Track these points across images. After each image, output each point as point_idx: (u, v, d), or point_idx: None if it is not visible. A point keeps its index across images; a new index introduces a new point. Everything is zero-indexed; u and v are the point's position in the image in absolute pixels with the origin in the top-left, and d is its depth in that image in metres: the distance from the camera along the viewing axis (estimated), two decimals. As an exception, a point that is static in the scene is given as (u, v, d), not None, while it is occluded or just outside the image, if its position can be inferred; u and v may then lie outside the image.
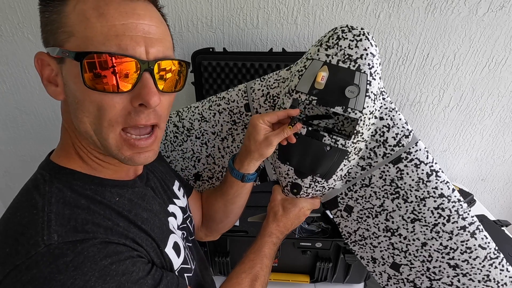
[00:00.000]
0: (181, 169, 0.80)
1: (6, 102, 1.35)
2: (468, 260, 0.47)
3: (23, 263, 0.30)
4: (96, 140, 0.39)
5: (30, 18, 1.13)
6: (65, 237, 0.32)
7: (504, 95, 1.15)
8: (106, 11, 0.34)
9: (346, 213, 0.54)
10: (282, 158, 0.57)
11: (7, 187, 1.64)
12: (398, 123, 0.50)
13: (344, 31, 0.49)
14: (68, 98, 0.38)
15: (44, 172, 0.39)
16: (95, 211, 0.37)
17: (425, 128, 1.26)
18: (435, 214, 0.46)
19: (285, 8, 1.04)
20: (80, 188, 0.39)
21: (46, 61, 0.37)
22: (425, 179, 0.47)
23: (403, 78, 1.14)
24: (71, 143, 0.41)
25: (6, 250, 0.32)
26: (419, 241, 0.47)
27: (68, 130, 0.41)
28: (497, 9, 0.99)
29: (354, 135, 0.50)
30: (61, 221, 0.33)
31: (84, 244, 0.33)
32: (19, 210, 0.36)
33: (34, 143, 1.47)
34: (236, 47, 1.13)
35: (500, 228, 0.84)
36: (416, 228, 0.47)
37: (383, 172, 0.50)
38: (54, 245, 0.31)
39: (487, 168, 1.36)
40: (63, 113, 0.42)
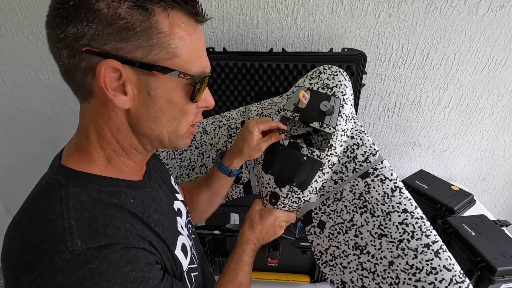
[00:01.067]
0: (176, 177, 0.84)
1: (6, 102, 1.35)
2: (435, 283, 0.47)
3: (48, 270, 0.30)
4: (165, 140, 0.44)
5: (30, 18, 1.13)
6: (89, 243, 0.33)
7: (504, 95, 1.15)
8: (194, 36, 0.39)
9: (319, 229, 0.59)
10: (266, 168, 0.65)
11: (7, 187, 1.64)
12: (366, 143, 0.58)
13: (325, 68, 0.63)
14: (142, 107, 0.39)
15: (58, 177, 0.38)
16: (112, 214, 0.38)
17: (425, 128, 1.26)
18: (399, 229, 0.50)
19: (285, 8, 1.04)
20: (96, 191, 0.39)
21: (116, 69, 0.35)
22: (390, 193, 0.53)
23: (403, 78, 1.14)
24: (98, 146, 0.41)
25: (27, 257, 0.32)
26: (386, 260, 0.50)
27: (97, 134, 0.41)
28: (497, 9, 0.99)
29: (328, 148, 0.58)
30: (82, 226, 0.34)
31: (108, 250, 0.33)
32: (35, 216, 0.35)
33: (34, 143, 1.47)
34: (236, 47, 1.13)
35: (500, 228, 0.84)
36: (383, 245, 0.51)
37: (353, 186, 0.57)
38: (79, 252, 0.32)
39: (487, 168, 1.36)
40: (93, 119, 0.40)
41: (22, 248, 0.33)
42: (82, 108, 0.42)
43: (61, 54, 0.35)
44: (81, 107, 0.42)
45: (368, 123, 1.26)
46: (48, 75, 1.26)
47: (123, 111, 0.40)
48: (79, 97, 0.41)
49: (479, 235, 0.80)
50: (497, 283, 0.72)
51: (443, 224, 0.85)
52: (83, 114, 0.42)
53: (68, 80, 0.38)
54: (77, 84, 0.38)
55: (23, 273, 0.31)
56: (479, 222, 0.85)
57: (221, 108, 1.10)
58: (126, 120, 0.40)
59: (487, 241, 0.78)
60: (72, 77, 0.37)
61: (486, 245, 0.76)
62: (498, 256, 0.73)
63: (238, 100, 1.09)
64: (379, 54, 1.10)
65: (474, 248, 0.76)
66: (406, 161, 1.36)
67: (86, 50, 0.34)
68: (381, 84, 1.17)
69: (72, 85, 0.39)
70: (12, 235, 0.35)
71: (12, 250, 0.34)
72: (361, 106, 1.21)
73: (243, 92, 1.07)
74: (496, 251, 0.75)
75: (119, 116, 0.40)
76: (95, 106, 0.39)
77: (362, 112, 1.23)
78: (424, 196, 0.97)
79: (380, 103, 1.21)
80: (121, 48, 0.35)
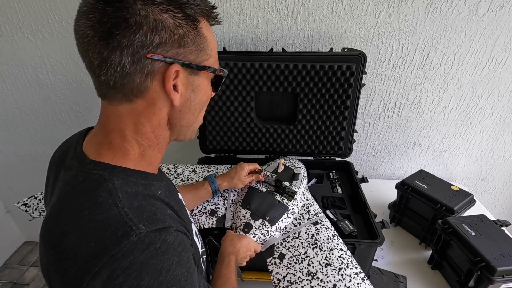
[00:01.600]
0: None
1: (6, 102, 1.35)
2: None
3: (119, 252, 0.34)
4: (193, 129, 0.51)
5: (30, 18, 1.13)
6: (150, 226, 0.37)
7: (504, 95, 1.15)
8: (214, 37, 0.46)
9: (279, 260, 0.74)
10: (245, 204, 0.85)
11: (7, 187, 1.64)
12: (315, 205, 0.87)
13: (290, 159, 1.03)
14: (187, 102, 0.45)
15: (100, 172, 0.40)
16: (153, 203, 0.42)
17: (425, 128, 1.26)
18: (339, 260, 0.71)
19: (285, 8, 1.05)
20: (134, 184, 0.42)
21: (177, 72, 0.41)
22: (331, 237, 0.77)
23: (403, 78, 1.14)
24: (134, 142, 0.44)
25: (91, 244, 0.34)
26: (331, 283, 0.67)
27: (135, 131, 0.43)
28: (497, 9, 0.99)
29: (293, 199, 0.85)
30: (136, 213, 0.37)
31: (165, 232, 0.38)
32: (86, 209, 0.37)
33: (34, 143, 1.47)
34: (236, 47, 1.13)
35: (500, 228, 0.84)
36: (328, 272, 0.69)
37: (307, 229, 0.80)
38: (144, 234, 0.35)
39: (487, 168, 1.36)
40: (133, 117, 0.42)
41: (83, 238, 0.35)
42: (115, 109, 0.42)
43: (122, 59, 0.37)
44: (112, 108, 0.42)
45: (368, 123, 1.26)
46: (48, 75, 1.26)
47: (167, 108, 0.44)
48: (120, 98, 0.41)
49: (479, 235, 0.80)
50: (497, 283, 0.72)
51: (443, 224, 0.85)
52: (118, 114, 0.42)
53: (119, 83, 0.39)
54: (129, 86, 0.40)
55: (91, 259, 0.34)
56: (479, 222, 0.85)
57: (221, 108, 1.10)
58: (167, 116, 0.45)
59: (487, 241, 0.78)
60: (129, 81, 0.39)
61: (486, 245, 0.76)
62: (498, 256, 0.74)
63: (238, 100, 1.09)
64: (379, 54, 1.10)
65: (474, 248, 0.76)
66: (406, 161, 1.36)
67: (150, 57, 0.38)
68: (381, 84, 1.17)
69: (121, 87, 0.40)
70: (62, 230, 0.37)
71: (70, 242, 0.36)
72: (361, 106, 1.21)
73: (243, 92, 1.07)
74: (496, 251, 0.75)
75: (163, 112, 0.44)
76: (140, 106, 0.42)
77: (362, 112, 1.23)
78: (424, 196, 0.96)
79: (380, 103, 1.21)
80: (179, 54, 0.40)
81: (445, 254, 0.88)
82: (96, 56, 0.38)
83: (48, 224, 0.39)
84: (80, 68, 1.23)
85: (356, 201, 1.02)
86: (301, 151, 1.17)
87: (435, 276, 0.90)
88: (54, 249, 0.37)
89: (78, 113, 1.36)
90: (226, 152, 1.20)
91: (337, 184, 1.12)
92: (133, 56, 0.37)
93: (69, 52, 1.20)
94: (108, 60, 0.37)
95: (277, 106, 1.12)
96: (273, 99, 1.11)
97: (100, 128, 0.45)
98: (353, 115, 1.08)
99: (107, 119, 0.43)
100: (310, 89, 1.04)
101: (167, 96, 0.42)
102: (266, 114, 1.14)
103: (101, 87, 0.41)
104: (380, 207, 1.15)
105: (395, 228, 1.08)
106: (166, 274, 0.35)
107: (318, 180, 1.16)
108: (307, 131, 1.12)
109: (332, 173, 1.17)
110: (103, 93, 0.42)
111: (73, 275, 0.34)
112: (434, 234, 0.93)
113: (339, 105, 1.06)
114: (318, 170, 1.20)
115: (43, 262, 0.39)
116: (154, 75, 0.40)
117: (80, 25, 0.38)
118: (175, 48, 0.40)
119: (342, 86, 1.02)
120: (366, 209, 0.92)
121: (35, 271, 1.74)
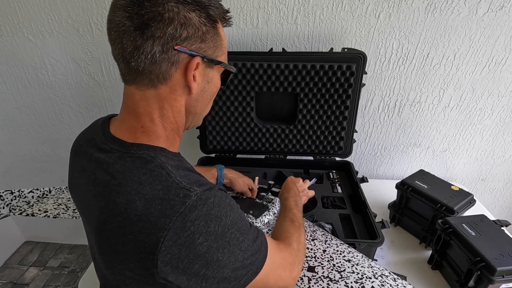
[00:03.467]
0: None
1: (6, 102, 1.35)
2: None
3: (185, 209, 0.41)
4: (203, 116, 0.58)
5: (30, 18, 1.13)
6: (201, 187, 0.44)
7: (504, 95, 1.15)
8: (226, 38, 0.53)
9: None
10: None
11: (7, 187, 1.64)
12: None
13: None
14: (201, 92, 0.51)
15: (145, 151, 0.46)
16: (191, 173, 0.47)
17: (425, 128, 1.26)
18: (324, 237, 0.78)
19: (285, 8, 1.05)
20: (172, 160, 0.48)
21: (197, 63, 0.47)
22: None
23: (403, 78, 1.14)
24: (161, 126, 0.50)
25: (159, 207, 0.41)
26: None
27: (160, 116, 0.49)
28: (497, 9, 0.99)
29: (271, 203, 0.91)
30: (187, 180, 0.44)
31: (214, 190, 0.45)
32: (145, 181, 0.43)
33: (34, 143, 1.47)
34: (236, 47, 1.13)
35: (500, 228, 0.84)
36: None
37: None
38: (200, 193, 0.43)
39: (487, 168, 1.36)
40: (158, 102, 0.48)
41: (150, 203, 0.41)
42: (142, 94, 0.48)
43: (153, 48, 0.43)
44: (141, 93, 0.48)
45: (368, 123, 1.26)
46: (48, 75, 1.26)
47: (185, 96, 0.50)
48: (146, 84, 0.46)
49: (479, 235, 0.80)
50: (496, 283, 0.72)
51: (443, 224, 0.85)
52: (146, 98, 0.48)
53: (148, 69, 0.45)
54: (155, 72, 0.45)
55: (162, 218, 0.40)
56: (479, 222, 0.85)
57: (221, 108, 1.10)
58: (185, 103, 0.51)
59: (487, 241, 0.78)
60: (156, 67, 0.45)
61: (486, 245, 0.76)
62: (498, 256, 0.73)
63: (238, 100, 1.09)
64: (379, 54, 1.10)
65: (473, 248, 0.76)
66: (406, 161, 1.36)
67: (177, 48, 0.44)
68: (381, 84, 1.17)
69: (149, 73, 0.45)
70: (127, 200, 0.42)
71: (139, 208, 0.41)
72: (361, 106, 1.22)
73: (243, 92, 1.07)
74: (496, 251, 0.75)
75: (182, 99, 0.50)
76: (164, 91, 0.48)
77: (362, 112, 1.23)
78: (424, 196, 0.96)
79: (380, 103, 1.21)
80: (200, 48, 0.46)
81: (445, 254, 0.88)
82: (130, 44, 0.43)
83: (108, 196, 0.44)
84: (80, 68, 1.23)
85: (356, 201, 1.02)
86: (301, 151, 1.17)
87: (435, 276, 0.90)
88: (121, 215, 0.42)
89: (78, 113, 1.36)
90: (226, 152, 1.21)
91: (337, 184, 1.12)
92: (163, 46, 0.43)
93: (69, 52, 1.20)
94: (141, 47, 0.43)
95: (277, 106, 1.12)
96: (273, 99, 1.11)
97: (129, 113, 0.50)
98: (353, 115, 1.08)
99: (136, 104, 0.48)
100: (310, 89, 1.04)
101: (186, 84, 0.48)
102: (266, 114, 1.14)
103: (130, 72, 0.46)
104: (380, 207, 1.15)
105: (395, 228, 1.08)
106: (225, 219, 0.44)
107: (318, 180, 1.16)
108: (307, 131, 1.12)
109: (332, 173, 1.17)
110: (131, 78, 0.47)
111: (148, 232, 0.40)
112: (434, 234, 0.92)
113: (339, 105, 1.06)
114: (318, 170, 1.20)
115: (103, 231, 0.44)
116: (178, 64, 0.46)
117: (117, 16, 0.42)
118: (198, 43, 0.46)
119: (342, 86, 1.02)
120: (366, 209, 0.92)
121: (35, 271, 1.74)
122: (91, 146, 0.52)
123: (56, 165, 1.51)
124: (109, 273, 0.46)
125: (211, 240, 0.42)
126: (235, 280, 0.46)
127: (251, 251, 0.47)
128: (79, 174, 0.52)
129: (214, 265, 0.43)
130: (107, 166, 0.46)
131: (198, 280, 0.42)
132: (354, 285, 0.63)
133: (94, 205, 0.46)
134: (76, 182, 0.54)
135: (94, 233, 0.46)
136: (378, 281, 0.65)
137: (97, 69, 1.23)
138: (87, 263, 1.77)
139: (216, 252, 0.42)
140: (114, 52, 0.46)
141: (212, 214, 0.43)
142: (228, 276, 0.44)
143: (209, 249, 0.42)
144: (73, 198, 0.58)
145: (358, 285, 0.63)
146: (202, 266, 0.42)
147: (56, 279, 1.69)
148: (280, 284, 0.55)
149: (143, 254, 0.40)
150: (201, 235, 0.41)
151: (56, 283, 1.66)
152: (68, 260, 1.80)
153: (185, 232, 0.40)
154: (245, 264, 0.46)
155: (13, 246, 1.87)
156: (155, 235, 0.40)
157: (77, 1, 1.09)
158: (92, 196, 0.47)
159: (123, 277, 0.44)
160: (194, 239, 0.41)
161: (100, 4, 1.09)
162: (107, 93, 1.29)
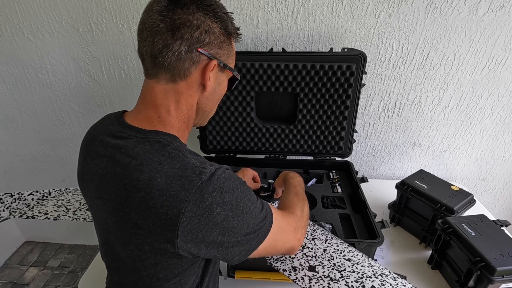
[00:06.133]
0: None
1: (6, 102, 1.35)
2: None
3: (202, 183, 0.46)
4: (211, 115, 0.65)
5: (30, 18, 1.13)
6: (213, 166, 0.50)
7: (504, 95, 1.15)
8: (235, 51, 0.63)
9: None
10: None
11: (7, 187, 1.64)
12: None
13: None
14: (212, 92, 0.59)
15: (163, 137, 0.52)
16: (201, 157, 0.53)
17: (425, 128, 1.26)
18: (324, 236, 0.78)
19: (285, 8, 1.05)
20: (184, 145, 0.54)
21: (214, 66, 0.55)
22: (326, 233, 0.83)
23: (403, 78, 1.14)
24: (176, 117, 0.56)
25: (178, 182, 0.46)
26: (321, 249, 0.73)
27: (176, 108, 0.56)
28: (497, 9, 0.99)
29: (272, 200, 0.97)
30: (200, 160, 0.50)
31: (223, 168, 0.51)
32: (164, 161, 0.48)
33: (34, 143, 1.47)
34: (236, 47, 1.12)
35: (500, 228, 0.84)
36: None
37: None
38: (213, 171, 0.48)
39: (487, 168, 1.36)
40: (175, 96, 0.55)
41: (171, 178, 0.46)
42: (162, 87, 0.54)
43: (180, 47, 0.50)
44: (160, 87, 0.54)
45: (368, 123, 1.26)
46: (48, 75, 1.26)
47: (199, 94, 0.57)
48: (167, 78, 0.53)
49: (478, 235, 0.80)
50: (496, 283, 0.72)
51: (443, 224, 0.85)
52: (165, 91, 0.54)
53: (172, 65, 0.52)
54: (178, 68, 0.52)
55: (182, 191, 0.45)
56: (479, 222, 0.85)
57: (221, 108, 1.10)
58: (197, 99, 0.58)
59: (486, 241, 0.78)
60: (180, 64, 0.52)
61: (486, 245, 0.76)
62: (498, 256, 0.73)
63: (238, 100, 1.09)
64: (379, 54, 1.10)
65: (473, 248, 0.76)
66: (406, 161, 1.36)
67: (199, 50, 0.52)
68: (381, 84, 1.17)
69: (172, 69, 0.52)
70: (149, 177, 0.47)
71: (161, 183, 0.46)
72: (361, 106, 1.22)
73: (243, 92, 1.07)
74: (496, 251, 0.75)
75: (196, 96, 0.57)
76: (182, 87, 0.55)
77: (362, 112, 1.23)
78: (424, 196, 0.96)
79: (380, 103, 1.21)
80: (218, 53, 0.55)
81: (445, 254, 0.88)
82: (161, 42, 0.50)
83: (131, 174, 0.48)
84: (80, 68, 1.23)
85: (356, 201, 1.02)
86: (301, 151, 1.17)
87: (435, 276, 0.90)
88: (144, 190, 0.46)
89: (78, 113, 1.36)
90: (226, 152, 1.21)
91: (337, 184, 1.12)
92: (189, 47, 0.51)
93: (69, 52, 1.20)
94: (170, 46, 0.50)
95: (277, 106, 1.12)
96: (273, 99, 1.11)
97: (146, 105, 0.55)
98: (353, 115, 1.08)
99: (155, 96, 0.54)
100: (310, 89, 1.04)
101: (201, 83, 0.55)
102: (266, 114, 1.14)
103: (155, 67, 0.52)
104: (380, 207, 1.15)
105: (395, 228, 1.08)
106: (237, 191, 0.50)
107: (318, 180, 1.16)
108: (307, 131, 1.12)
109: (332, 173, 1.17)
110: (153, 72, 0.53)
111: (170, 205, 0.45)
112: (434, 234, 0.93)
113: (339, 105, 1.06)
114: (318, 170, 1.20)
115: (125, 207, 0.48)
116: (198, 64, 0.53)
117: (152, 18, 0.50)
118: (216, 49, 0.54)
119: (342, 86, 1.02)
120: (366, 209, 0.92)
121: (35, 271, 1.74)
122: (106, 135, 0.56)
123: (56, 165, 1.51)
124: (125, 250, 0.50)
125: (228, 210, 0.48)
126: (247, 243, 0.52)
127: (260, 218, 0.54)
128: (94, 160, 0.56)
129: (230, 232, 0.49)
130: (126, 150, 0.51)
131: (214, 246, 0.49)
132: (354, 284, 0.63)
133: (115, 184, 0.50)
134: (90, 169, 0.57)
135: (114, 212, 0.50)
136: (378, 280, 0.65)
137: (97, 69, 1.23)
138: (87, 263, 1.77)
139: (232, 220, 0.48)
140: (142, 48, 0.53)
141: (225, 186, 0.48)
142: (241, 240, 0.51)
143: (226, 218, 0.48)
144: (83, 187, 0.60)
145: (359, 284, 0.63)
146: (219, 234, 0.48)
147: (56, 279, 1.69)
148: (287, 245, 0.62)
149: (165, 226, 0.45)
150: (218, 205, 0.47)
151: (56, 283, 1.67)
152: (68, 260, 1.80)
153: (204, 203, 0.46)
154: (255, 229, 0.53)
155: (13, 246, 1.87)
156: (177, 207, 0.45)
157: (77, 1, 1.09)
158: (111, 177, 0.51)
159: (140, 252, 0.48)
160: (212, 209, 0.46)
161: (100, 4, 1.09)
162: (107, 93, 1.29)
